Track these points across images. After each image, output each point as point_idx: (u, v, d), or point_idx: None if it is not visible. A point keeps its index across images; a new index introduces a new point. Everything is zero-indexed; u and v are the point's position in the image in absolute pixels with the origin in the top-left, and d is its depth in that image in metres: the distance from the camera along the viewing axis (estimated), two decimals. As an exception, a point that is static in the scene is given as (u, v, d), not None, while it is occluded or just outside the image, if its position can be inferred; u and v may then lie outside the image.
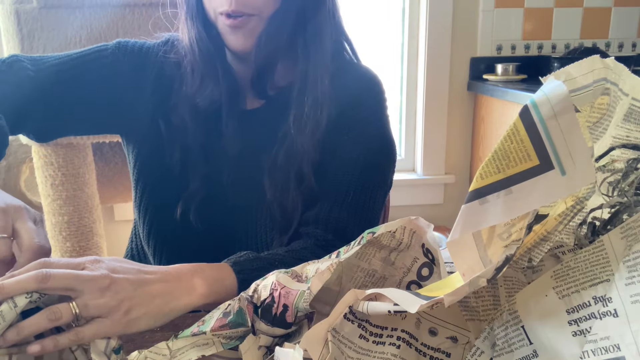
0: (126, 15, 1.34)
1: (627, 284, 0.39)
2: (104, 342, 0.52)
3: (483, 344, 0.44)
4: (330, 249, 0.73)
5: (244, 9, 0.73)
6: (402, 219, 0.53)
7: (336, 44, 0.85)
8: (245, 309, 0.51)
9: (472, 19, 2.10)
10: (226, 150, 0.84)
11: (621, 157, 0.48)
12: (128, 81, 0.83)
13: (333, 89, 0.81)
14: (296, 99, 0.81)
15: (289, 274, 0.53)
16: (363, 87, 0.87)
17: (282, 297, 0.50)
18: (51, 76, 0.80)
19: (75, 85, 0.81)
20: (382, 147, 0.85)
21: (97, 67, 0.82)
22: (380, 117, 0.86)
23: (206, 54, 0.79)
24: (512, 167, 0.38)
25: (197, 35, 0.78)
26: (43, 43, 1.32)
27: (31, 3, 1.30)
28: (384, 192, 0.86)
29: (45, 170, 1.43)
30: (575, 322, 0.41)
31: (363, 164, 0.82)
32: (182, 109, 0.82)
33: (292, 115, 0.81)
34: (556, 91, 0.37)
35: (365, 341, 0.45)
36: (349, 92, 0.84)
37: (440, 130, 2.18)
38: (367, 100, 0.86)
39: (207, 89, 0.81)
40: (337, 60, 0.84)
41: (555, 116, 0.37)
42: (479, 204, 0.38)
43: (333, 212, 0.80)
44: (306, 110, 0.80)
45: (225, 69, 0.82)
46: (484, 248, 0.40)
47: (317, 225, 0.80)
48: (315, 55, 0.80)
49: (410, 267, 0.55)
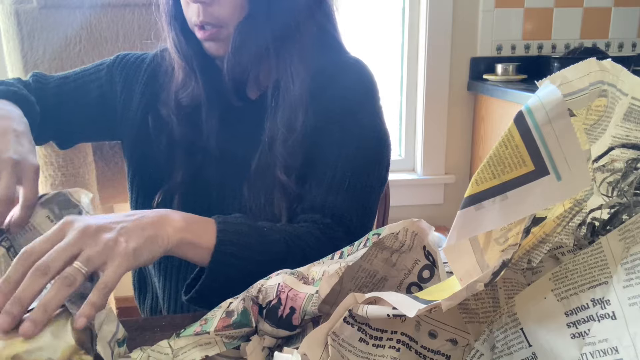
0: (126, 15, 1.34)
1: (625, 286, 0.39)
2: (110, 331, 0.50)
3: (482, 346, 0.45)
4: (328, 232, 0.75)
5: (212, 20, 0.75)
6: (404, 221, 0.53)
7: (322, 39, 0.84)
8: (249, 309, 0.51)
9: (472, 19, 2.10)
10: (208, 147, 0.85)
11: (621, 157, 0.48)
12: (119, 89, 0.89)
13: (317, 83, 0.81)
14: (270, 107, 0.81)
15: (295, 276, 0.52)
16: (351, 77, 0.85)
17: (290, 299, 0.50)
18: (55, 88, 0.88)
19: (73, 98, 0.88)
20: (375, 134, 0.83)
21: (93, 79, 0.90)
22: (371, 105, 0.85)
23: (184, 56, 0.82)
24: (507, 173, 0.38)
25: (176, 39, 0.82)
26: (43, 43, 1.32)
27: (31, 3, 1.30)
28: (380, 181, 0.84)
29: (45, 170, 1.43)
30: (573, 325, 0.41)
31: (356, 151, 0.81)
32: (169, 104, 0.85)
33: (266, 125, 0.81)
34: (550, 96, 0.37)
35: (365, 344, 0.45)
36: (336, 84, 0.84)
37: (440, 130, 2.18)
38: (356, 90, 0.84)
39: (189, 87, 0.84)
40: (323, 56, 0.84)
41: (550, 122, 0.37)
42: (474, 209, 0.38)
43: (329, 199, 0.78)
44: (278, 119, 0.79)
45: (207, 67, 0.83)
46: (480, 253, 0.40)
47: (314, 212, 0.77)
48: (290, 58, 0.79)
49: (412, 268, 0.55)
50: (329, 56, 0.86)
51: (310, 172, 0.81)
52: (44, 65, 1.28)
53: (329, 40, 0.86)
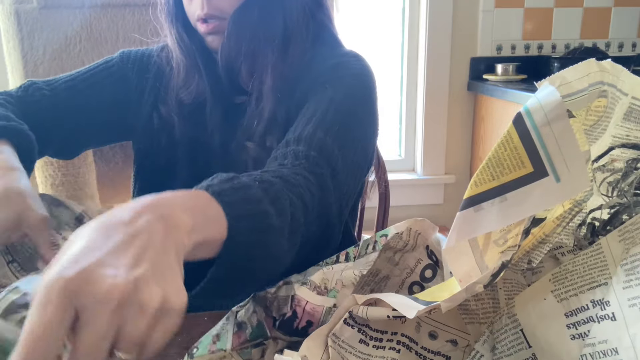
0: (126, 15, 1.34)
1: (624, 287, 0.39)
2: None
3: (483, 347, 0.45)
4: (314, 169, 0.65)
5: (215, 12, 0.77)
6: (408, 220, 0.53)
7: (320, 35, 0.85)
8: (263, 321, 0.51)
9: (472, 19, 2.10)
10: (212, 144, 0.85)
11: (621, 157, 0.48)
12: (132, 84, 0.89)
13: (313, 74, 0.80)
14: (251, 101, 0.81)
15: (308, 286, 0.51)
16: (345, 59, 0.83)
17: (307, 313, 0.50)
18: (66, 91, 0.85)
19: (88, 96, 0.86)
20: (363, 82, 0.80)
21: (105, 76, 0.88)
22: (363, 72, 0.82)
23: (187, 53, 0.83)
24: (506, 175, 0.38)
25: (178, 36, 0.83)
26: (43, 43, 1.32)
27: (31, 3, 1.30)
28: (371, 130, 0.80)
29: (45, 170, 1.43)
30: (573, 326, 0.41)
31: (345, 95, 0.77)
32: (170, 103, 0.86)
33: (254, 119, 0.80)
34: (549, 98, 0.37)
35: (365, 346, 0.45)
36: (329, 65, 0.82)
37: (440, 130, 2.18)
38: (349, 64, 0.82)
39: (191, 84, 0.84)
40: (318, 50, 0.83)
41: (548, 123, 0.37)
42: (473, 211, 0.38)
43: (317, 134, 0.70)
44: (263, 111, 0.80)
45: (209, 64, 0.84)
46: (480, 254, 0.40)
47: (298, 144, 0.69)
48: (279, 51, 0.79)
49: (414, 268, 0.55)
50: (324, 50, 0.85)
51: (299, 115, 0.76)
52: (44, 65, 1.28)
53: (326, 36, 0.87)
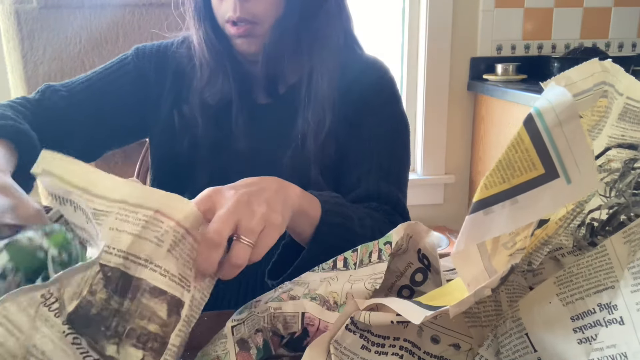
0: (126, 15, 1.33)
1: (632, 291, 0.39)
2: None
3: (487, 351, 0.44)
4: (390, 218, 0.78)
5: (247, 16, 0.76)
6: (402, 224, 0.53)
7: (345, 39, 0.88)
8: (269, 340, 0.50)
9: (472, 19, 2.10)
10: (236, 146, 0.84)
11: (617, 157, 0.48)
12: (151, 80, 0.87)
13: (346, 81, 0.84)
14: (302, 102, 0.82)
15: (317, 301, 0.50)
16: (376, 73, 0.90)
17: (320, 332, 0.48)
18: (83, 91, 0.84)
19: (107, 94, 0.85)
20: (404, 124, 0.90)
21: (122, 74, 0.87)
22: (398, 98, 0.91)
23: (214, 53, 0.82)
24: (517, 177, 0.38)
25: (205, 36, 0.81)
26: (43, 43, 1.31)
27: (31, 3, 1.29)
28: (408, 165, 0.92)
29: (45, 170, 1.42)
30: (580, 330, 0.40)
31: (392, 140, 0.86)
32: (193, 103, 0.85)
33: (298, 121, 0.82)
34: (561, 99, 0.36)
35: (367, 352, 0.45)
36: (365, 79, 0.88)
37: (440, 130, 2.18)
38: (384, 84, 0.89)
39: (216, 84, 0.83)
40: (346, 54, 0.87)
41: (560, 124, 0.36)
42: (483, 214, 0.38)
43: (382, 187, 0.82)
44: (309, 115, 0.81)
45: (235, 65, 0.84)
46: (488, 258, 0.40)
47: (370, 199, 0.80)
48: (320, 55, 0.82)
49: (404, 271, 0.55)
50: (351, 54, 0.90)
51: (349, 163, 0.84)
52: (43, 65, 1.28)
53: (349, 40, 0.90)
